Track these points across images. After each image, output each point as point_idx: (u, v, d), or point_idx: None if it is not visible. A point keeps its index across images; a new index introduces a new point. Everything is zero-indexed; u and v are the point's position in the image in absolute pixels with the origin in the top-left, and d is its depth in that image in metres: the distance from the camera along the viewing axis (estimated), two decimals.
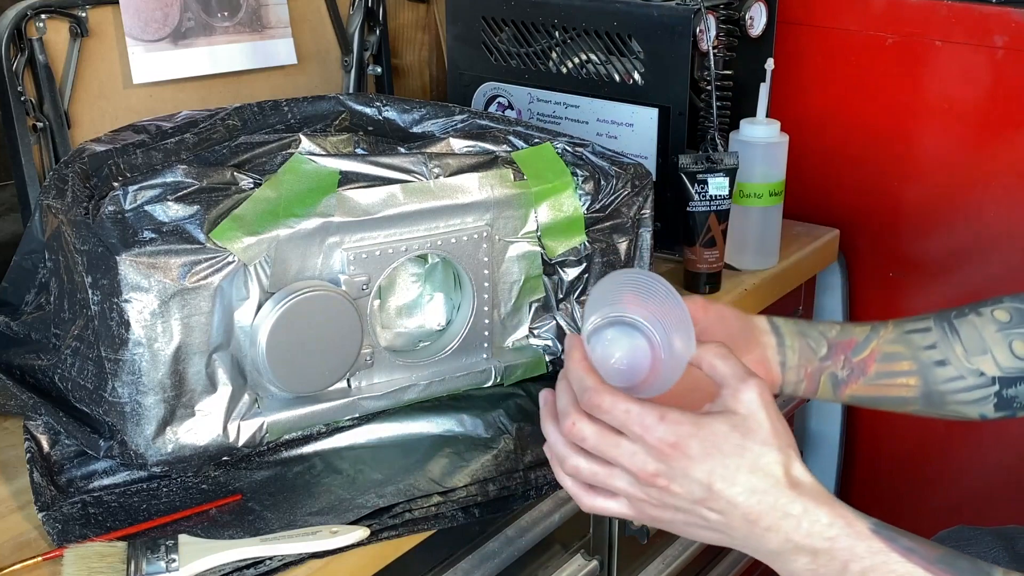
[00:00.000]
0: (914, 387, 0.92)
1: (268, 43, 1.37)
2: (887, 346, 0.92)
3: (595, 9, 1.34)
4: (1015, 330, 0.91)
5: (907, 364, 0.92)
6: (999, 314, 0.92)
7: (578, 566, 1.14)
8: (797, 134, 1.39)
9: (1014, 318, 0.92)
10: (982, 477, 1.56)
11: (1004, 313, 0.92)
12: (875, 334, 0.92)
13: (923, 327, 0.93)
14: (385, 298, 1.03)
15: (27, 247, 1.02)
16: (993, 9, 1.39)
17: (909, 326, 0.93)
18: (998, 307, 0.93)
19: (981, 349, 0.91)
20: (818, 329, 0.92)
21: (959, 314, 0.93)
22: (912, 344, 0.92)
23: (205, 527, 0.87)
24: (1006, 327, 0.92)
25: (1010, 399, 0.91)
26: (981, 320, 0.92)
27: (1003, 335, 0.91)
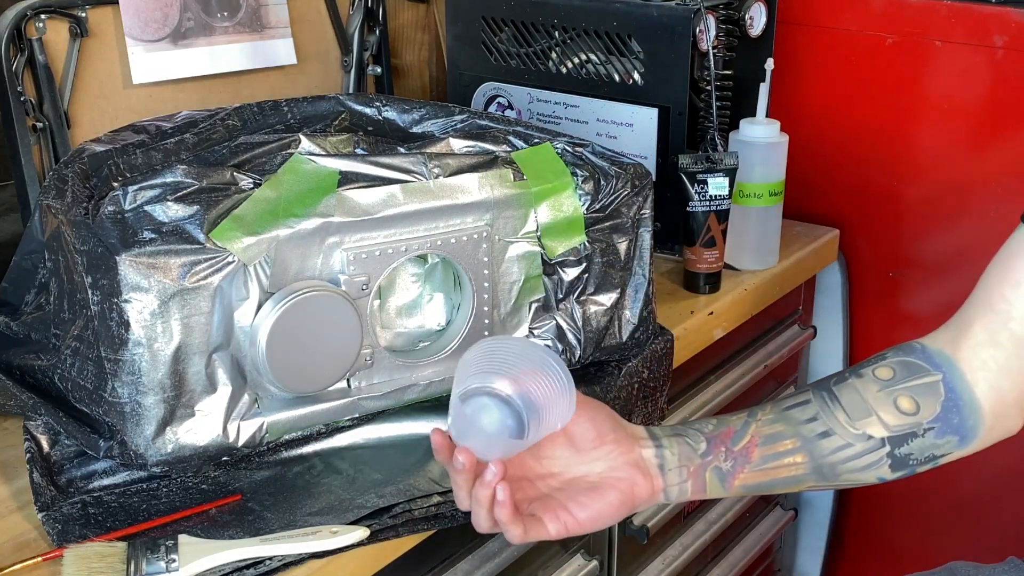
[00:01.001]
0: (802, 464, 0.89)
1: (268, 43, 1.37)
2: (766, 428, 0.89)
3: (595, 9, 1.34)
4: (899, 385, 0.89)
5: (790, 443, 0.89)
6: (881, 372, 0.90)
7: (578, 566, 1.14)
8: (797, 134, 1.39)
9: (897, 373, 0.90)
10: (981, 477, 1.56)
11: (887, 370, 0.90)
12: (752, 418, 0.90)
13: (801, 401, 0.90)
14: (385, 298, 1.03)
15: (27, 247, 1.02)
16: (993, 9, 1.39)
17: (787, 403, 0.90)
18: (880, 365, 0.91)
19: (865, 412, 0.89)
20: (694, 427, 0.90)
21: (839, 380, 0.91)
22: (792, 420, 0.89)
23: (205, 527, 0.87)
24: (889, 384, 0.89)
25: (904, 457, 0.89)
26: (862, 382, 0.90)
27: (886, 393, 0.89)
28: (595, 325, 1.08)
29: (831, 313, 1.60)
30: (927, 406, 0.89)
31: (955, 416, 0.89)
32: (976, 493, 1.57)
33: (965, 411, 0.89)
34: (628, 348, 1.11)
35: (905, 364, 0.90)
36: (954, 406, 0.89)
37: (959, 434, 0.90)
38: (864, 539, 1.72)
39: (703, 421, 0.91)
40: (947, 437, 0.90)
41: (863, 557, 1.72)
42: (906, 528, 1.66)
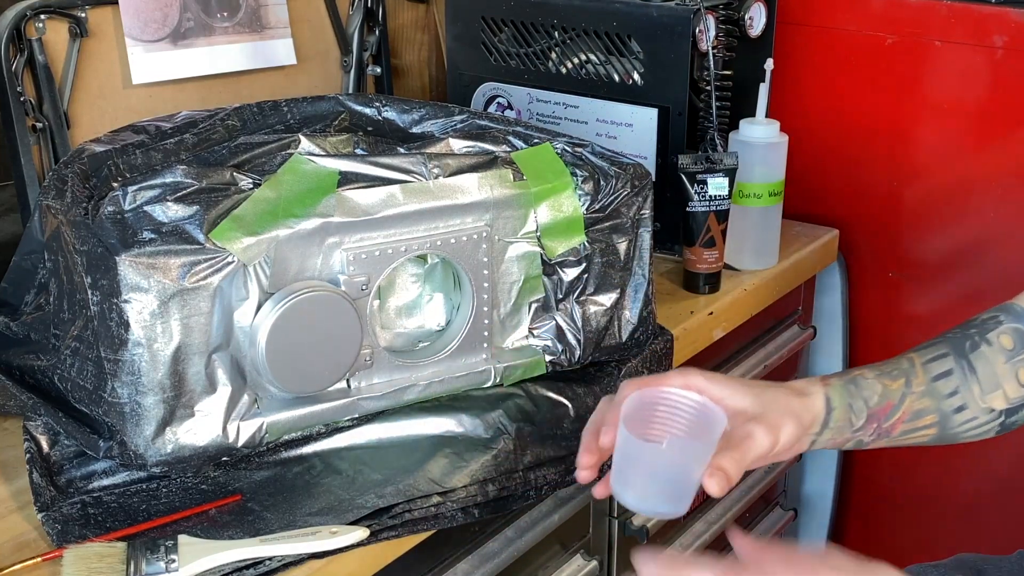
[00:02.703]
0: (931, 434, 0.93)
1: (268, 43, 1.37)
2: (916, 403, 0.92)
3: (595, 9, 1.34)
4: (1018, 357, 0.93)
5: (931, 418, 0.93)
6: (1004, 340, 0.94)
7: (578, 566, 1.14)
8: (796, 134, 1.39)
9: (1016, 343, 0.93)
10: (981, 477, 1.56)
11: (1008, 339, 0.94)
12: (908, 390, 0.92)
13: (946, 370, 0.93)
14: (385, 298, 1.03)
15: (27, 247, 1.02)
16: (992, 9, 1.39)
17: (934, 369, 0.93)
18: (1001, 332, 0.94)
19: (994, 385, 0.93)
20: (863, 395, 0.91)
21: (973, 347, 0.93)
22: (937, 395, 0.93)
23: (205, 527, 0.87)
24: (1012, 355, 0.93)
25: (1011, 424, 0.94)
26: (991, 352, 0.93)
27: (1011, 365, 0.93)
28: (595, 325, 1.08)
29: (831, 313, 1.60)
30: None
31: None
32: (978, 493, 1.57)
33: None
34: (628, 348, 1.11)
35: (1019, 332, 0.94)
36: None
37: None
38: (864, 539, 1.72)
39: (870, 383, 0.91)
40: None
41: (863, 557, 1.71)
42: (907, 528, 1.66)
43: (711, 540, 1.38)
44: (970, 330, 0.95)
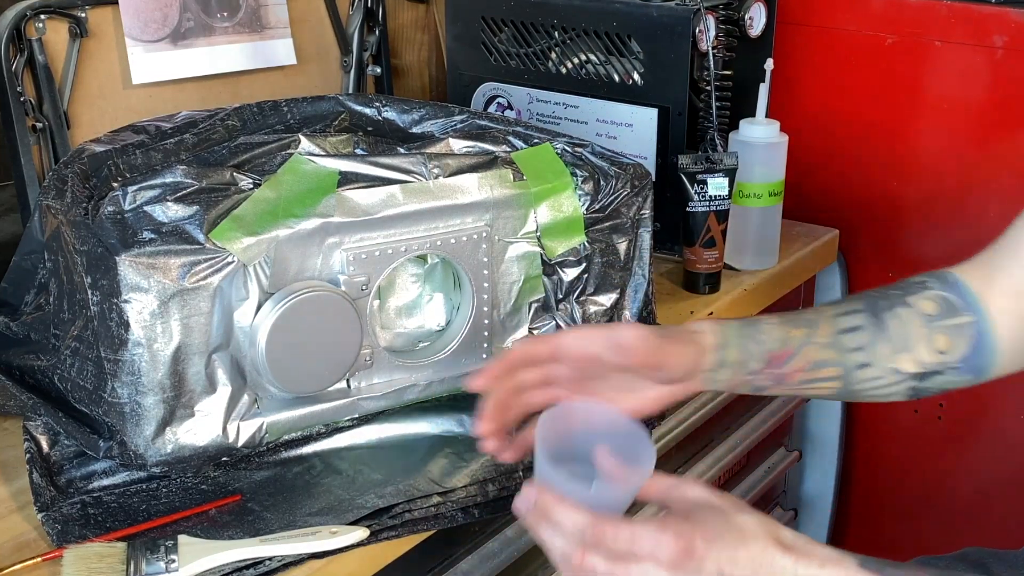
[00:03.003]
0: (834, 388, 0.92)
1: (268, 43, 1.37)
2: (818, 353, 0.91)
3: (595, 9, 1.34)
4: (940, 322, 0.91)
5: (832, 371, 0.91)
6: (926, 305, 0.92)
7: None
8: (796, 134, 1.39)
9: (940, 308, 0.92)
10: (981, 477, 1.56)
11: (931, 304, 0.92)
12: (809, 340, 0.90)
13: (855, 325, 0.91)
14: (385, 298, 1.03)
15: (27, 247, 1.02)
16: (992, 9, 1.39)
17: (841, 323, 0.92)
18: (924, 297, 0.93)
19: (905, 347, 0.91)
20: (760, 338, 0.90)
21: (889, 305, 0.92)
22: (841, 348, 0.91)
23: (205, 527, 0.87)
24: (931, 320, 0.91)
25: (922, 389, 0.93)
26: (908, 313, 0.92)
27: (927, 330, 0.91)
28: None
29: None
30: (958, 347, 0.92)
31: (978, 358, 0.93)
32: (979, 493, 1.57)
33: (987, 354, 0.93)
34: None
35: (946, 300, 0.92)
36: (981, 349, 0.92)
37: (976, 373, 0.94)
38: (865, 539, 1.72)
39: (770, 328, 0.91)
40: (966, 376, 0.93)
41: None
42: (908, 528, 1.66)
43: None
44: (892, 290, 0.94)
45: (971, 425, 1.55)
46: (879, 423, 1.64)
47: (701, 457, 1.37)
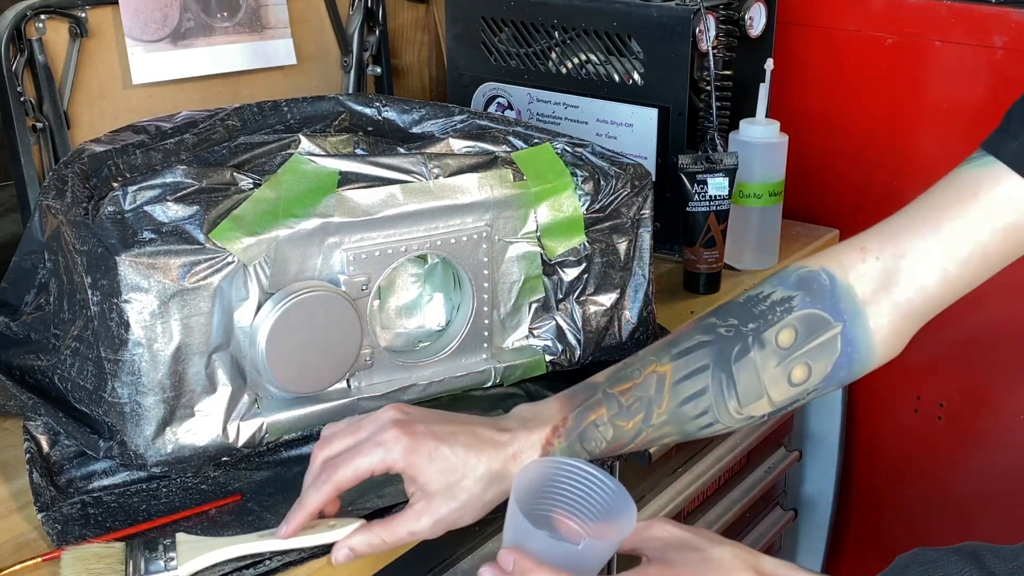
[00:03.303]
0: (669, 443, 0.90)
1: (268, 43, 1.37)
2: (654, 432, 0.86)
3: (595, 9, 1.34)
4: (796, 352, 0.85)
5: (671, 439, 0.88)
6: (784, 336, 0.85)
7: None
8: (796, 134, 1.39)
9: (799, 335, 0.85)
10: (981, 477, 1.56)
11: (789, 333, 0.85)
12: (646, 425, 0.86)
13: (698, 390, 0.85)
14: (385, 298, 1.03)
15: (27, 247, 1.02)
16: (992, 9, 1.39)
17: (683, 391, 0.85)
18: (783, 325, 0.85)
19: (757, 395, 0.85)
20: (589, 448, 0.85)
21: (741, 352, 0.85)
22: (682, 419, 0.86)
23: (204, 527, 0.87)
24: (788, 353, 0.85)
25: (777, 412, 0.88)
26: (763, 355, 0.85)
27: (783, 367, 0.85)
28: (595, 325, 1.08)
29: None
30: (819, 370, 0.86)
31: (844, 370, 0.86)
32: (979, 493, 1.57)
33: (857, 364, 0.87)
34: (628, 348, 1.11)
35: (809, 320, 0.85)
36: (847, 361, 0.86)
37: (841, 384, 0.88)
38: (865, 539, 1.72)
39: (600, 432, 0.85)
40: (828, 390, 0.88)
41: (864, 557, 1.72)
42: (908, 528, 1.66)
43: None
44: (748, 324, 0.86)
45: (971, 425, 1.55)
46: (879, 423, 1.64)
47: (701, 457, 1.37)
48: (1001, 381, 1.52)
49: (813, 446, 1.67)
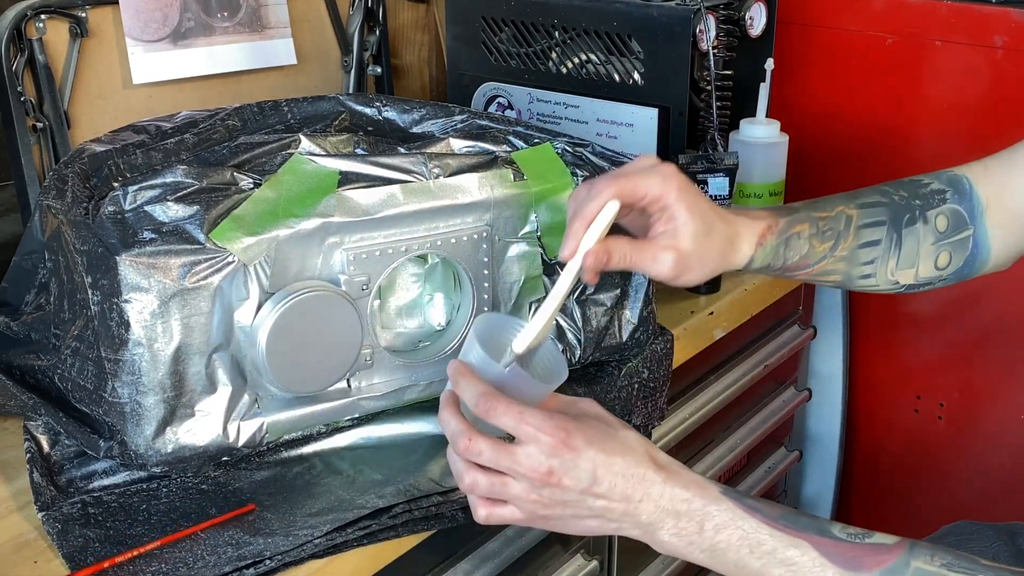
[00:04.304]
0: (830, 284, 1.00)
1: (268, 43, 1.37)
2: (831, 265, 0.96)
3: (595, 9, 1.34)
4: (945, 240, 0.97)
5: (836, 277, 0.97)
6: (940, 221, 0.97)
7: (578, 566, 1.14)
8: (797, 134, 1.39)
9: (950, 224, 0.97)
10: (981, 477, 1.56)
11: (944, 220, 0.97)
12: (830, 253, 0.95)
13: (874, 239, 0.96)
14: (385, 298, 1.03)
15: (27, 247, 1.02)
16: (993, 9, 1.39)
17: (864, 236, 0.96)
18: (940, 211, 0.97)
19: (910, 264, 0.97)
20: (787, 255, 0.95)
21: (910, 220, 0.96)
22: (854, 261, 0.96)
23: (205, 529, 0.87)
24: (941, 238, 0.97)
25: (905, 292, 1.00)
26: (925, 230, 0.96)
27: (935, 249, 0.97)
28: (595, 325, 1.08)
29: (831, 313, 1.60)
30: (955, 262, 0.99)
31: (967, 269, 1.00)
32: (980, 491, 1.57)
33: (978, 264, 0.99)
34: (628, 348, 1.11)
35: (956, 214, 0.97)
36: (972, 261, 0.99)
37: (960, 280, 1.01)
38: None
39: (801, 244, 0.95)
40: (950, 282, 1.01)
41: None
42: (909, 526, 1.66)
43: None
44: (915, 200, 0.97)
45: (972, 425, 1.55)
46: (879, 423, 1.64)
47: (701, 457, 1.37)
48: (1001, 381, 1.52)
49: (813, 446, 1.67)
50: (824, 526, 0.76)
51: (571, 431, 0.76)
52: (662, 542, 0.78)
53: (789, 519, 0.76)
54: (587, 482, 0.76)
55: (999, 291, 1.48)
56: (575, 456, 0.76)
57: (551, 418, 0.76)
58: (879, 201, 0.97)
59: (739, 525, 0.76)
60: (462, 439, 0.77)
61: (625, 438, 0.78)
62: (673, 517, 0.77)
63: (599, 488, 0.76)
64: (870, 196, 0.98)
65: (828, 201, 0.97)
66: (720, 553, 0.77)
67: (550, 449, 0.75)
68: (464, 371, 0.79)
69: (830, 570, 0.74)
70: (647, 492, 0.77)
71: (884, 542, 0.75)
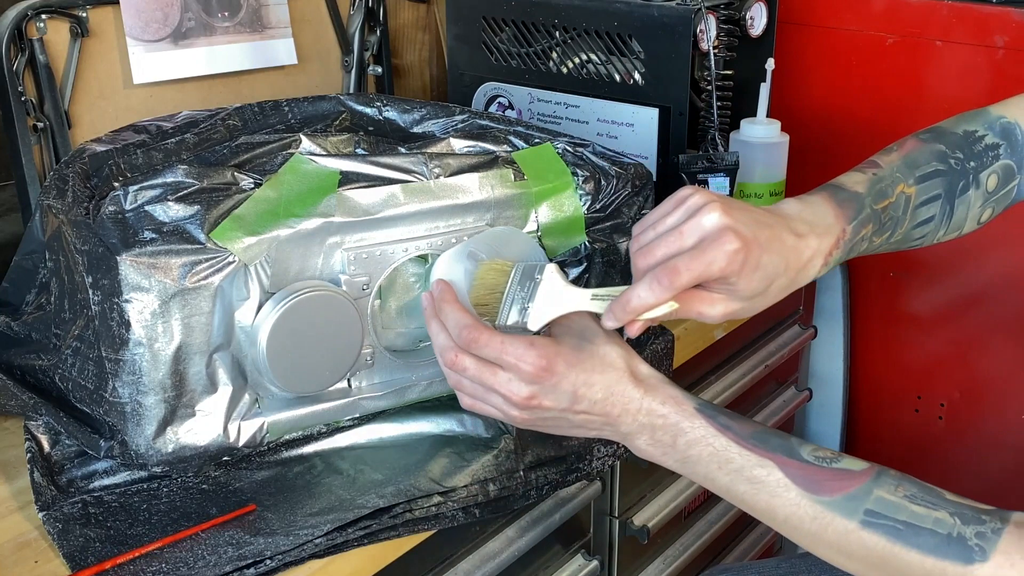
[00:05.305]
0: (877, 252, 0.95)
1: (268, 43, 1.37)
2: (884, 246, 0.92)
3: (595, 9, 1.34)
4: (993, 197, 0.95)
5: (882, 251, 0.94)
6: (991, 181, 0.95)
7: (578, 566, 1.14)
8: (797, 134, 1.39)
9: (1000, 180, 0.95)
10: (982, 477, 1.56)
11: (995, 179, 0.95)
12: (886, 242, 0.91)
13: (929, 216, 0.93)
14: (385, 298, 1.03)
15: (28, 247, 1.02)
16: (993, 9, 1.39)
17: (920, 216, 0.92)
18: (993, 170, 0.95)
19: (958, 228, 0.95)
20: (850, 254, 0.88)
21: (964, 188, 0.93)
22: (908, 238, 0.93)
23: (204, 529, 0.87)
24: (990, 196, 0.95)
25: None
26: (976, 195, 0.94)
27: (981, 208, 0.95)
28: None
29: (831, 313, 1.60)
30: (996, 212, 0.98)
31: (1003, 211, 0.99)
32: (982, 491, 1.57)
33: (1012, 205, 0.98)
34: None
35: (1007, 169, 0.95)
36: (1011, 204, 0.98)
37: None
38: None
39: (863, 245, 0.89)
40: None
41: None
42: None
43: (711, 540, 1.38)
44: (970, 162, 0.94)
45: (972, 425, 1.55)
46: (880, 423, 1.64)
47: None
48: (1001, 381, 1.52)
49: None
50: (794, 448, 0.78)
51: (551, 357, 0.79)
52: (639, 448, 0.82)
53: (760, 438, 0.78)
54: (567, 402, 0.80)
55: (999, 291, 1.48)
56: (556, 380, 0.79)
57: (532, 347, 0.79)
58: (937, 170, 0.93)
59: (710, 442, 0.79)
60: (448, 353, 0.82)
61: (606, 354, 0.81)
62: (649, 430, 0.80)
63: (579, 406, 0.80)
64: (928, 163, 0.93)
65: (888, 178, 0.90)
66: (691, 465, 0.80)
67: (530, 377, 0.79)
68: (447, 296, 0.83)
69: (793, 491, 0.76)
70: (625, 407, 0.80)
71: (851, 468, 0.77)
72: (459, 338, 0.82)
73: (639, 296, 0.78)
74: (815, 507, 0.75)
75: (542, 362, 0.79)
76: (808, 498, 0.75)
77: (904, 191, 0.91)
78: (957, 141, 0.94)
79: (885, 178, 0.91)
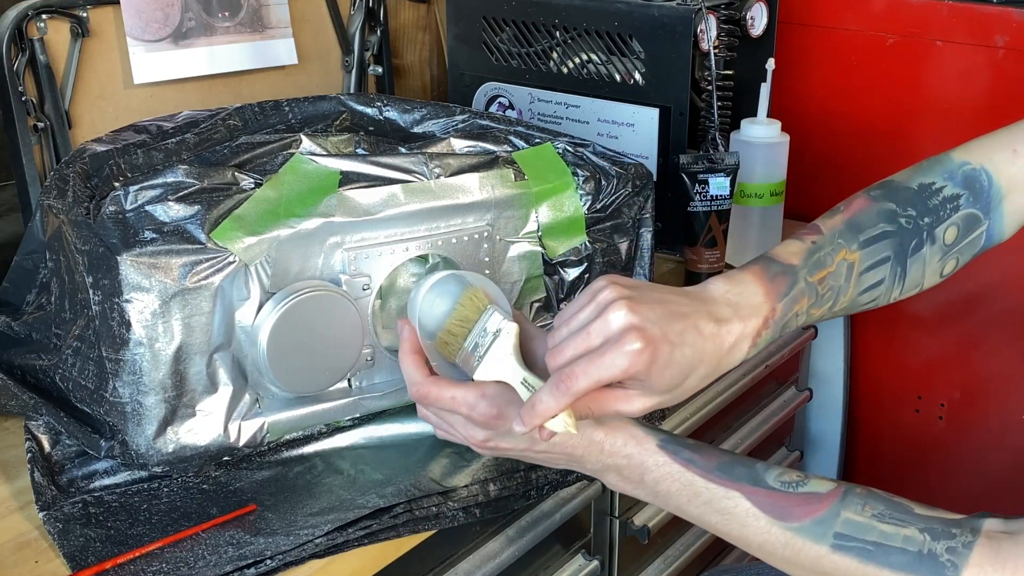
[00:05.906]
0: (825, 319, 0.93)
1: (269, 43, 1.37)
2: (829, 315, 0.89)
3: (596, 9, 1.34)
4: (954, 248, 0.92)
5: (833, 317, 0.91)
6: (949, 233, 0.91)
7: (578, 566, 1.14)
8: (798, 134, 1.39)
9: (960, 232, 0.92)
10: (982, 477, 1.56)
11: (953, 231, 0.91)
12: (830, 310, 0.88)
13: (877, 280, 0.89)
14: (386, 298, 1.03)
15: (28, 247, 1.02)
16: (993, 9, 1.39)
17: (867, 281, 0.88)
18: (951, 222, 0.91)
19: (916, 285, 0.92)
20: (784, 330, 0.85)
21: (916, 247, 0.89)
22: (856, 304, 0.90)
23: (205, 530, 0.87)
24: (948, 249, 0.91)
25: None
26: (932, 251, 0.90)
27: (941, 262, 0.92)
28: None
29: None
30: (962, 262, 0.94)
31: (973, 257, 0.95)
32: (981, 493, 1.57)
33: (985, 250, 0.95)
34: None
35: (968, 219, 0.92)
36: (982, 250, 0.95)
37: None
38: None
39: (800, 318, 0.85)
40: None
41: None
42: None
43: (711, 540, 1.38)
44: (924, 219, 0.89)
45: (973, 425, 1.55)
46: (879, 423, 1.64)
47: None
48: (1001, 381, 1.52)
49: (813, 446, 1.67)
50: (759, 475, 0.78)
51: (502, 406, 0.80)
52: (611, 483, 0.82)
53: (724, 469, 0.78)
54: (525, 443, 0.81)
55: (1000, 291, 1.48)
56: (509, 426, 0.80)
57: (483, 397, 0.80)
58: (884, 232, 0.88)
59: (676, 478, 0.79)
60: (414, 387, 0.84)
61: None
62: (615, 469, 0.81)
63: (538, 447, 0.81)
64: (875, 225, 0.88)
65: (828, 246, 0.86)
66: (663, 499, 0.80)
67: (482, 424, 0.81)
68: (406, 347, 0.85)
69: (762, 519, 0.76)
70: (587, 449, 0.81)
71: (817, 490, 0.76)
72: (412, 394, 0.84)
73: (543, 401, 0.76)
74: (785, 534, 0.75)
75: (492, 411, 0.80)
76: (777, 525, 0.76)
77: (846, 258, 0.87)
78: (910, 197, 0.90)
79: (824, 246, 0.86)
